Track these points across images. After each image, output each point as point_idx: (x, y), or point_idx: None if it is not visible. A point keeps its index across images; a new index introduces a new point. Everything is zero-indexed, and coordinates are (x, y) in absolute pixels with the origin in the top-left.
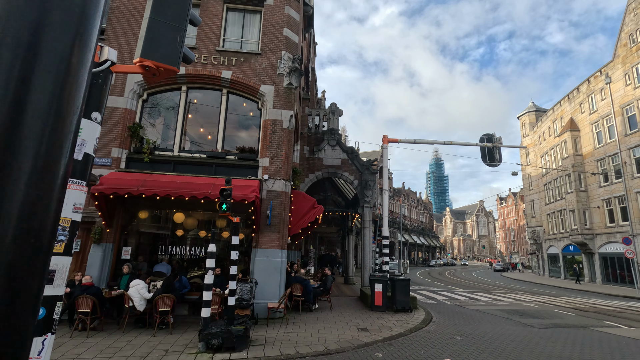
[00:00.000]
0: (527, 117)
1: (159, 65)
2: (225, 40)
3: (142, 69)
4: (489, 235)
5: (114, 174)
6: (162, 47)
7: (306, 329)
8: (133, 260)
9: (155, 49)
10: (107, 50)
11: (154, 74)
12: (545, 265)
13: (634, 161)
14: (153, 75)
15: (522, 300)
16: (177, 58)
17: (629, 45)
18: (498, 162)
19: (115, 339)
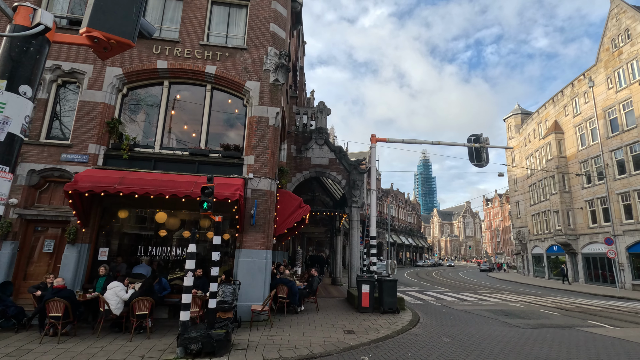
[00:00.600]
0: (512, 119)
1: (110, 37)
2: (209, 35)
3: (90, 40)
4: (475, 236)
5: (90, 171)
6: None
7: (291, 332)
8: (111, 261)
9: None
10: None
11: (105, 48)
12: (530, 265)
13: (615, 163)
14: (104, 49)
15: (508, 300)
16: (133, 30)
17: (611, 50)
18: (485, 162)
19: (88, 344)
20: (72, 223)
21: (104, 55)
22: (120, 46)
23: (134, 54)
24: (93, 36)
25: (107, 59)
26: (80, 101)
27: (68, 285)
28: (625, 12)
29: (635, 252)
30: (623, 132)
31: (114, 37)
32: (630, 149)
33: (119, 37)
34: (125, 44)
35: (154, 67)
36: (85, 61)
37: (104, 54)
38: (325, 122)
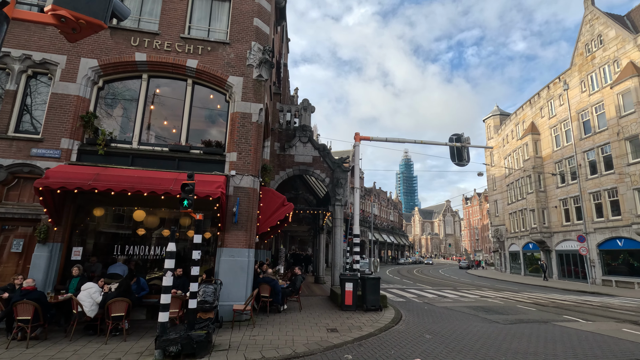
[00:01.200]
0: (492, 120)
1: (79, 17)
2: (191, 28)
3: (56, 20)
4: (455, 234)
5: (62, 167)
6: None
7: (273, 332)
8: (85, 261)
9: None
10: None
11: (74, 29)
12: (507, 262)
13: (587, 164)
14: (73, 30)
15: (487, 296)
16: (104, 10)
17: (585, 55)
18: (466, 161)
19: (60, 348)
20: (43, 221)
21: (72, 37)
22: (90, 27)
23: (111, 45)
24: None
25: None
26: (52, 93)
27: (39, 286)
28: (598, 18)
29: (606, 249)
30: (595, 134)
31: (83, 16)
32: (601, 150)
33: (89, 17)
34: (96, 24)
35: (132, 60)
36: (58, 51)
37: (72, 35)
38: (309, 120)
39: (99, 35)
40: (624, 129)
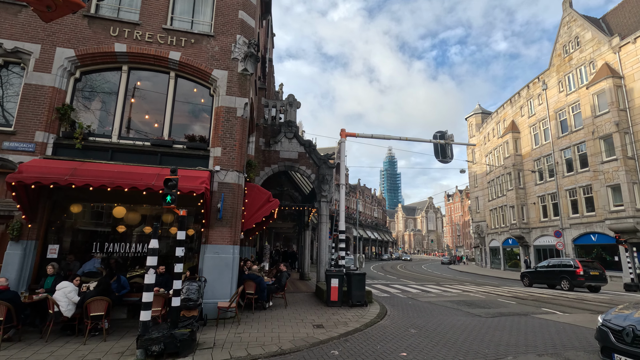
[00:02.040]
0: (474, 118)
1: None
2: (173, 19)
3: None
4: (437, 230)
5: (37, 161)
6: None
7: (259, 329)
8: (62, 259)
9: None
10: None
11: (49, 7)
12: (487, 257)
13: (564, 162)
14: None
15: (469, 291)
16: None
17: (563, 56)
18: (450, 158)
19: (35, 350)
20: (17, 218)
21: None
22: (67, 5)
23: (89, 34)
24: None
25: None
26: (26, 84)
27: (12, 286)
28: (576, 20)
29: (580, 244)
30: (572, 133)
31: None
32: (577, 148)
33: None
34: (73, 2)
35: (111, 51)
36: (31, 40)
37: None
38: (294, 116)
39: (76, 24)
40: (598, 128)
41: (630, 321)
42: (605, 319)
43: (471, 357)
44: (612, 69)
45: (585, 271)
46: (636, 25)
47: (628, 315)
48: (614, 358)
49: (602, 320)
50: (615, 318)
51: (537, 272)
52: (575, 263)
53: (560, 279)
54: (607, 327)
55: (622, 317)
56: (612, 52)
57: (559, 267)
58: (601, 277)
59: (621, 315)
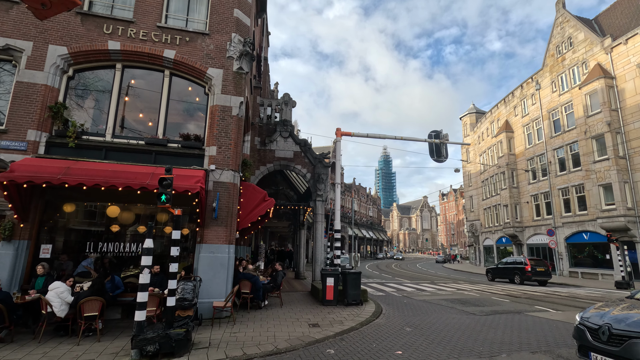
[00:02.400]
0: (468, 118)
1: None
2: (168, 16)
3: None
4: (431, 229)
5: (29, 160)
6: None
7: (255, 328)
8: (55, 259)
9: None
10: None
11: (44, 5)
12: (481, 256)
13: (557, 161)
14: (42, 6)
15: (463, 289)
16: None
17: (556, 56)
18: (445, 158)
19: (28, 351)
20: (8, 217)
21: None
22: (62, 3)
23: (82, 32)
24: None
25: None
26: (17, 82)
27: (4, 286)
28: (569, 21)
29: (572, 242)
30: (564, 133)
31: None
32: (570, 147)
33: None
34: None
35: (104, 48)
36: (23, 37)
37: (41, 12)
38: (290, 115)
39: (69, 21)
40: (590, 128)
41: (606, 319)
42: (582, 317)
43: (466, 355)
44: (604, 70)
45: (533, 268)
46: (628, 26)
47: (605, 313)
48: (591, 357)
49: (579, 319)
50: (593, 316)
51: (498, 269)
52: (525, 261)
53: (514, 274)
54: (584, 326)
55: (599, 315)
56: (605, 52)
57: (513, 265)
58: (546, 273)
59: (598, 313)
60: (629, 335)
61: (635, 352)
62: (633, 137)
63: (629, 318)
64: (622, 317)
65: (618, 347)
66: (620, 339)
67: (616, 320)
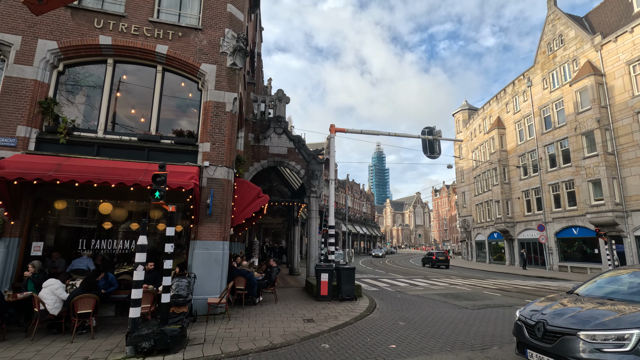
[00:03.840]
0: (461, 114)
1: None
2: (160, 11)
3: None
4: (424, 225)
5: (19, 157)
6: None
7: (250, 324)
8: (47, 257)
9: None
10: None
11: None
12: (473, 251)
13: (547, 157)
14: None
15: (455, 284)
16: None
17: (547, 53)
18: (438, 154)
19: (20, 349)
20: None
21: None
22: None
23: (72, 26)
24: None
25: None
26: (6, 77)
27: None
28: (560, 18)
29: (562, 237)
30: (555, 129)
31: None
32: (560, 144)
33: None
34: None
35: (95, 43)
36: (11, 31)
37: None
38: (284, 111)
39: (58, 15)
40: (580, 125)
41: (543, 315)
42: (521, 313)
43: (458, 347)
44: (594, 67)
45: (437, 257)
46: (617, 24)
47: (543, 309)
48: (527, 354)
49: (518, 314)
50: (531, 312)
51: (424, 259)
52: (432, 252)
53: (429, 261)
54: (522, 322)
55: (537, 311)
56: (595, 50)
57: (429, 256)
58: (445, 260)
59: (537, 309)
60: (561, 331)
61: (566, 349)
62: (621, 134)
63: (564, 314)
64: (557, 313)
65: (551, 344)
66: (554, 336)
67: (552, 316)
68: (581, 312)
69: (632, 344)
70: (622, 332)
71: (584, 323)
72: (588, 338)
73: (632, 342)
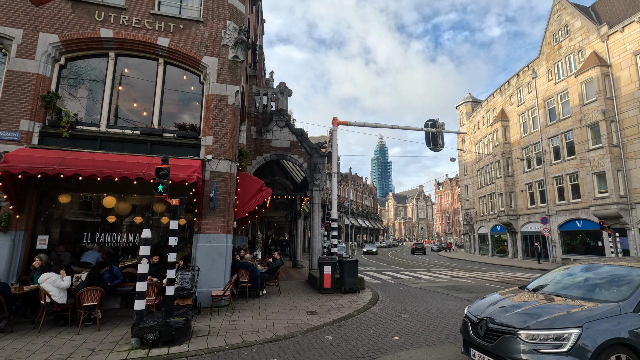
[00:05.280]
0: (464, 107)
1: None
2: (161, 3)
3: None
4: (427, 218)
5: (23, 151)
6: None
7: (253, 316)
8: (52, 250)
9: None
10: None
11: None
12: (475, 244)
13: (552, 149)
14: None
15: (458, 276)
16: None
17: (553, 44)
18: (441, 147)
19: (28, 340)
20: (4, 208)
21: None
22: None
23: (73, 19)
24: None
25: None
26: (8, 71)
27: (2, 277)
28: (566, 8)
29: (566, 230)
30: (559, 121)
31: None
32: (564, 136)
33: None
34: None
35: (97, 36)
36: (12, 24)
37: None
38: (286, 104)
39: (59, 8)
40: (585, 117)
41: (487, 313)
42: (469, 310)
43: (461, 339)
44: (600, 58)
45: (416, 247)
46: (624, 14)
47: (489, 306)
48: (471, 353)
49: (466, 311)
50: (477, 309)
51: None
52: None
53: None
54: (467, 319)
55: (483, 307)
56: (601, 40)
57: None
58: (422, 250)
59: (484, 304)
60: (501, 330)
61: (505, 348)
62: (627, 126)
63: (508, 311)
64: (502, 310)
65: (492, 343)
66: (495, 334)
67: (496, 314)
68: (526, 309)
69: (570, 344)
70: (562, 332)
71: (526, 321)
72: (527, 337)
73: (570, 342)
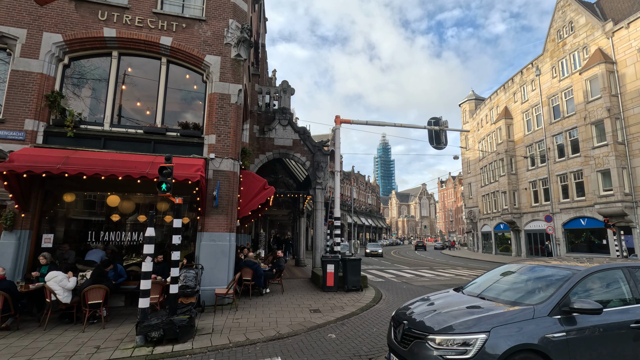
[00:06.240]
0: (467, 104)
1: None
2: (164, 2)
3: None
4: (430, 216)
5: (28, 150)
6: None
7: (257, 314)
8: (57, 249)
9: None
10: None
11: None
12: (479, 242)
13: (556, 147)
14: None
15: (461, 275)
16: None
17: (557, 41)
18: (444, 144)
19: (34, 338)
20: (9, 207)
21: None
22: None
23: (76, 19)
24: None
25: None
26: (13, 70)
27: (8, 275)
28: (570, 5)
29: (570, 228)
30: (564, 119)
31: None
32: (569, 134)
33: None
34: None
35: (100, 36)
36: (16, 24)
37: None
38: (288, 102)
39: (62, 7)
40: (590, 114)
41: (408, 315)
42: (397, 310)
43: None
44: (605, 55)
45: (419, 244)
46: (630, 10)
47: (415, 307)
48: (391, 358)
49: (394, 313)
50: (401, 312)
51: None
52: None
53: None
54: (392, 321)
55: (408, 310)
56: (606, 37)
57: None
58: (423, 246)
59: (409, 306)
60: (414, 334)
61: (415, 354)
62: (632, 123)
63: (425, 315)
64: (420, 314)
65: (406, 348)
66: (409, 339)
67: (417, 316)
68: (445, 312)
69: (475, 350)
70: (469, 337)
71: (439, 325)
72: (436, 343)
73: (475, 348)
